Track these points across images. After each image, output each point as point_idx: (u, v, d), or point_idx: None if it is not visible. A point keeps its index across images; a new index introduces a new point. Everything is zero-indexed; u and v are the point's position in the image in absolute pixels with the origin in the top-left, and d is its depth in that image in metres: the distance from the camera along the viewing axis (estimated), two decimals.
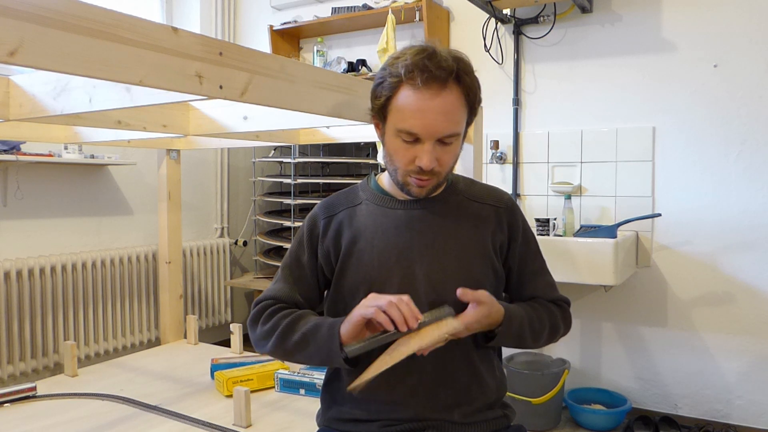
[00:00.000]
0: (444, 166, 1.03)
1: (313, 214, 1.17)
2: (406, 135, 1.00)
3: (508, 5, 2.58)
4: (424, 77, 0.96)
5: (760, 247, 2.29)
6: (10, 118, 1.36)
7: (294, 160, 3.10)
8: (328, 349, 1.00)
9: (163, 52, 0.90)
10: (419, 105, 0.97)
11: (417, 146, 1.00)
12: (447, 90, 0.97)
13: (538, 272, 1.18)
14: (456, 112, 1.00)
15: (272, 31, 3.27)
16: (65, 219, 2.69)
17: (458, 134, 1.02)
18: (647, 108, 2.48)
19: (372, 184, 1.16)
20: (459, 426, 1.07)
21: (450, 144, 1.02)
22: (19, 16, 0.73)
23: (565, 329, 1.18)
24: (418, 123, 0.98)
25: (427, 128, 0.98)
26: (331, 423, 1.14)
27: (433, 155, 1.00)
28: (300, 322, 1.06)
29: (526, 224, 1.18)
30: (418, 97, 0.97)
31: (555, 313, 1.15)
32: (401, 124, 0.99)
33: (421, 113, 0.97)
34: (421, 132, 0.98)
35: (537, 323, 1.11)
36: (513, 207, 1.16)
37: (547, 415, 2.44)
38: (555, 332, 1.15)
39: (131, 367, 2.26)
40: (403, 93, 0.99)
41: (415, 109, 0.97)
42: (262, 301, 1.13)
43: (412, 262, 1.06)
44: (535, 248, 1.19)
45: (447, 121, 0.98)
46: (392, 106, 1.01)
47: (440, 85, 0.97)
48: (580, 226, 2.56)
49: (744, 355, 2.34)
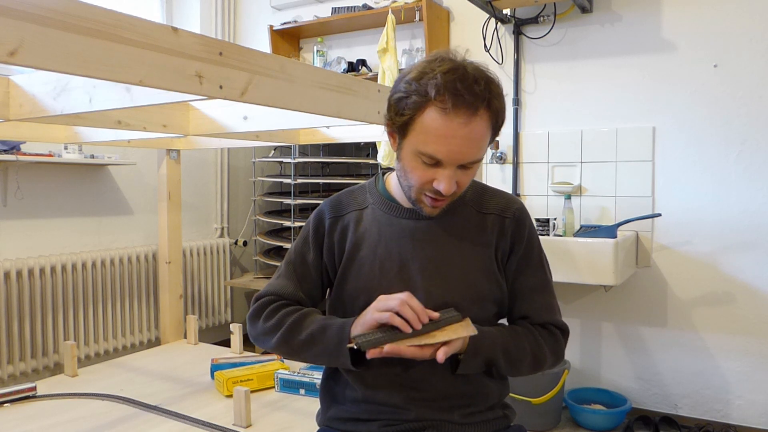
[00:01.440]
0: (461, 188, 1.00)
1: (319, 212, 1.15)
2: (427, 158, 0.95)
3: (508, 5, 2.58)
4: (456, 102, 0.90)
5: (760, 247, 2.29)
6: (10, 118, 1.36)
7: (294, 160, 3.10)
8: (337, 351, 1.00)
9: (163, 52, 0.90)
10: (446, 132, 0.91)
11: (437, 169, 0.96)
12: (477, 117, 0.92)
13: (535, 290, 1.10)
14: (483, 139, 0.95)
15: (272, 31, 3.27)
16: (65, 219, 2.69)
17: (481, 159, 0.99)
18: (647, 108, 2.48)
19: (380, 186, 1.14)
20: (459, 426, 1.07)
21: (470, 168, 0.99)
22: (19, 16, 0.73)
23: (554, 360, 1.10)
24: (443, 149, 0.93)
25: (451, 155, 0.93)
26: (331, 422, 1.14)
27: (454, 180, 0.96)
28: (306, 320, 1.06)
29: (532, 237, 1.11)
30: (447, 122, 0.91)
31: (541, 340, 1.07)
32: (424, 147, 0.94)
33: (447, 140, 0.92)
34: (444, 158, 0.94)
35: (514, 350, 1.04)
36: (520, 218, 1.10)
37: (547, 415, 2.44)
38: (539, 363, 1.07)
39: (131, 367, 2.26)
40: (430, 115, 0.92)
41: (442, 135, 0.92)
42: (264, 296, 1.12)
43: (414, 274, 1.05)
44: (537, 263, 1.11)
45: (473, 148, 0.94)
46: (415, 126, 0.94)
47: (471, 112, 0.91)
48: (580, 226, 2.56)
49: (744, 355, 2.34)
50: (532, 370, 1.08)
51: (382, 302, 0.98)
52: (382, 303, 0.98)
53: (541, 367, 1.08)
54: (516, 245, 1.10)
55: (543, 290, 1.11)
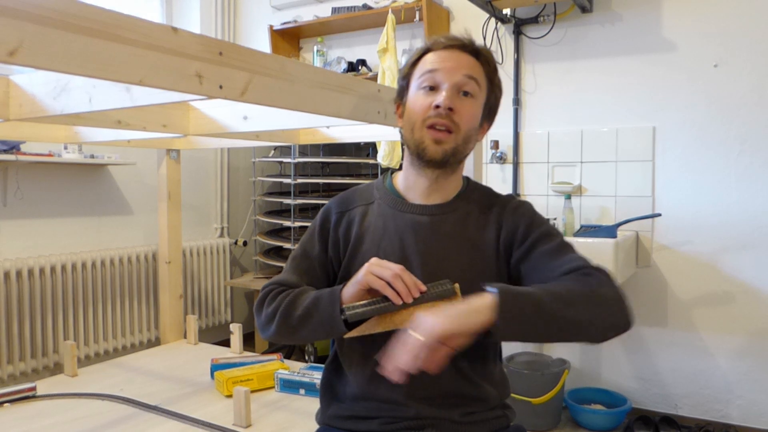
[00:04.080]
0: (462, 117, 1.03)
1: (326, 208, 1.17)
2: (426, 79, 1.04)
3: (508, 5, 2.58)
4: (446, 42, 1.06)
5: (760, 247, 2.29)
6: (10, 118, 1.36)
7: (294, 160, 3.10)
8: (330, 316, 0.99)
9: (163, 52, 0.90)
10: (441, 56, 1.05)
11: (436, 94, 1.04)
12: (467, 54, 1.05)
13: (552, 252, 1.00)
14: (475, 68, 1.05)
15: (272, 31, 3.27)
16: (65, 219, 2.69)
17: (477, 84, 1.05)
18: (647, 108, 2.48)
19: (387, 183, 1.16)
20: (459, 425, 1.07)
21: (468, 97, 1.04)
22: (19, 16, 0.73)
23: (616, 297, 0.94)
24: (438, 64, 1.04)
25: (446, 68, 1.03)
26: (331, 421, 1.14)
27: (450, 98, 1.02)
28: (301, 297, 1.06)
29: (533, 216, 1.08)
30: (441, 54, 1.05)
31: (578, 280, 0.93)
32: (422, 70, 1.05)
33: (442, 60, 1.04)
34: (440, 69, 1.03)
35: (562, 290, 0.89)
36: (515, 205, 1.09)
37: (547, 415, 2.44)
38: (601, 301, 0.91)
39: (131, 367, 2.26)
40: (426, 58, 1.07)
41: (437, 58, 1.05)
42: (267, 287, 1.13)
43: (415, 268, 1.05)
44: (546, 231, 1.04)
45: (466, 67, 1.04)
46: (416, 68, 1.08)
47: (460, 48, 1.05)
48: (580, 226, 2.56)
49: (744, 355, 2.34)
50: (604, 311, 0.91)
51: (377, 267, 0.97)
52: (377, 268, 0.97)
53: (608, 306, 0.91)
54: (520, 231, 1.05)
55: (561, 250, 1.01)
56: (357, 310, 0.96)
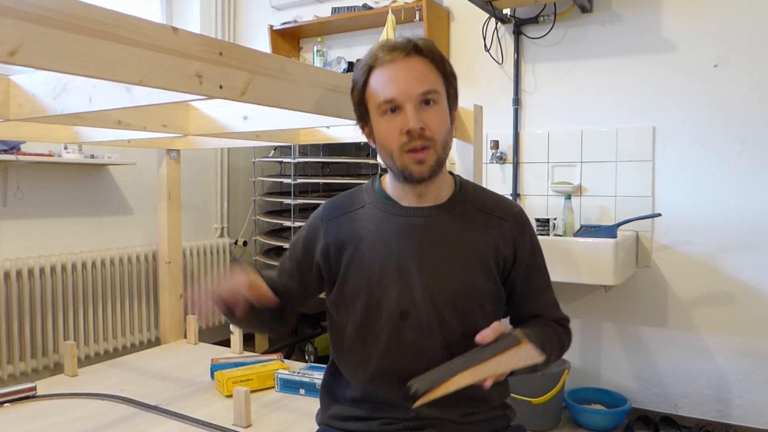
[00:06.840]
0: (434, 130, 1.01)
1: (316, 215, 1.17)
2: (386, 105, 1.01)
3: (508, 5, 2.58)
4: (386, 53, 1.02)
5: (760, 247, 2.29)
6: (10, 118, 1.36)
7: (294, 160, 3.10)
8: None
9: (163, 52, 0.90)
10: (389, 74, 1.02)
11: (400, 116, 1.01)
12: (411, 57, 1.02)
13: (542, 290, 1.16)
14: (426, 72, 1.02)
15: (272, 31, 3.27)
16: (65, 219, 2.69)
17: (436, 92, 1.02)
18: (647, 108, 2.48)
19: (376, 186, 1.14)
20: (459, 425, 1.07)
21: (432, 105, 1.01)
22: (19, 16, 0.73)
23: (568, 348, 1.20)
24: (392, 88, 1.01)
25: (401, 90, 1.00)
26: (331, 421, 1.14)
27: (417, 116, 0.99)
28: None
29: (534, 239, 1.15)
30: (386, 70, 1.02)
31: (561, 333, 1.15)
32: (379, 99, 1.02)
33: (393, 80, 1.01)
34: (397, 95, 1.00)
35: (557, 345, 1.12)
36: (521, 221, 1.12)
37: (547, 415, 2.44)
38: (562, 353, 1.16)
39: (131, 367, 2.26)
40: (373, 76, 1.04)
41: (387, 79, 1.02)
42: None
43: (412, 271, 1.05)
44: (542, 264, 1.16)
45: (419, 80, 1.01)
46: (368, 92, 1.05)
47: (403, 54, 1.02)
48: (580, 225, 2.56)
49: (744, 355, 2.34)
50: (556, 359, 1.15)
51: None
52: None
53: (560, 355, 1.16)
54: (521, 252, 1.11)
55: (548, 289, 1.18)
56: (424, 379, 0.94)
